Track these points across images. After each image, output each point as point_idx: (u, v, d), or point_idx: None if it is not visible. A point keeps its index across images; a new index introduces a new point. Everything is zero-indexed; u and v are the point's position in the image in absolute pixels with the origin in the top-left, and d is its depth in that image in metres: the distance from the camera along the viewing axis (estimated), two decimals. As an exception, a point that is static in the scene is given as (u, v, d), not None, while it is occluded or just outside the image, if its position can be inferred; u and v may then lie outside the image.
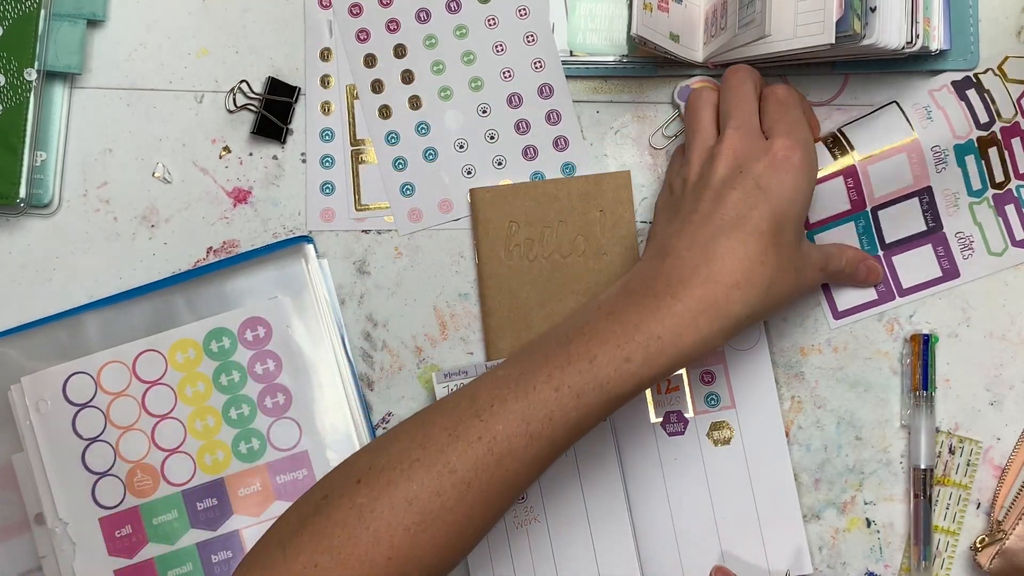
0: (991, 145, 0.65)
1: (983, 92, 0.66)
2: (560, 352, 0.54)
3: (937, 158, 0.65)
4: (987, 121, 0.65)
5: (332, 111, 0.69)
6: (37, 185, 0.68)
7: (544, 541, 0.67)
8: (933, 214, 0.66)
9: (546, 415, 0.53)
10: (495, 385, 0.54)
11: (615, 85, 0.69)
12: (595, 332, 0.54)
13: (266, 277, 0.68)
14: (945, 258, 0.66)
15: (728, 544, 0.67)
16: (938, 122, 0.65)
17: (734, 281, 0.54)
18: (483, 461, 0.52)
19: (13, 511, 0.67)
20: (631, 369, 0.53)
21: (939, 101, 0.66)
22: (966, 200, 0.66)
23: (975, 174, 0.66)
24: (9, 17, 0.66)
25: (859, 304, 0.67)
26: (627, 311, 0.55)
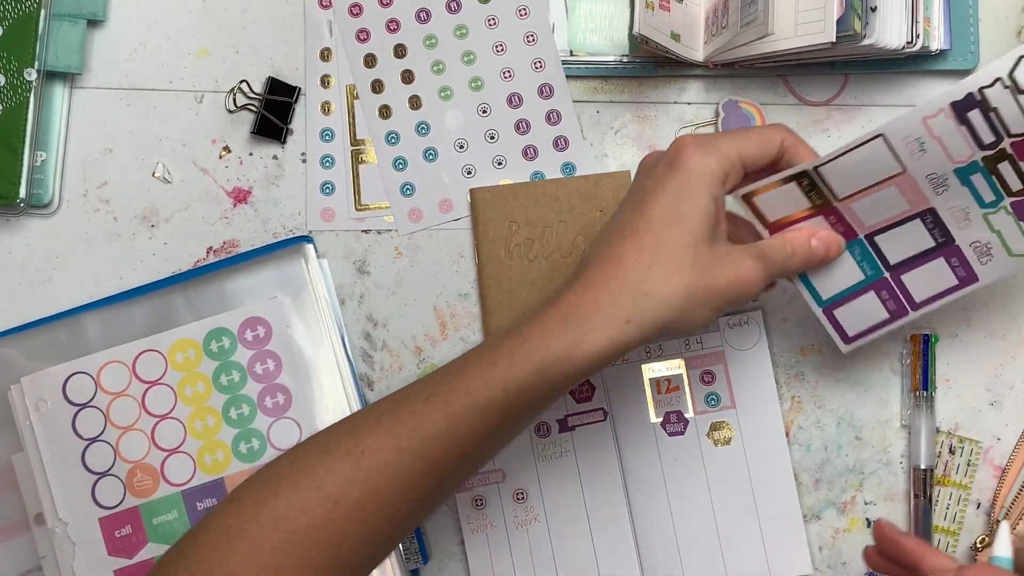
0: (1000, 161, 0.57)
1: (987, 112, 0.56)
2: (441, 370, 0.54)
3: (935, 183, 0.58)
4: (993, 140, 0.57)
5: (332, 111, 0.69)
6: (37, 185, 0.68)
7: (544, 541, 0.67)
8: (941, 230, 0.59)
9: (414, 426, 0.51)
10: (377, 404, 0.54)
11: (615, 85, 0.69)
12: (482, 347, 0.54)
13: (266, 277, 0.68)
14: (960, 267, 0.60)
15: (728, 544, 0.66)
16: (932, 152, 0.57)
17: (604, 284, 0.52)
18: (350, 476, 0.51)
19: (13, 511, 0.67)
20: (496, 373, 0.51)
21: (934, 130, 0.57)
22: (978, 212, 0.59)
23: (985, 188, 0.58)
24: (9, 17, 0.66)
25: (872, 325, 0.62)
26: (516, 324, 0.54)
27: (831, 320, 0.62)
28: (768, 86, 0.68)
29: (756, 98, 0.68)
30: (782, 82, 0.68)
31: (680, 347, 0.67)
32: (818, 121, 0.68)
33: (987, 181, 0.58)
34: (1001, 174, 0.58)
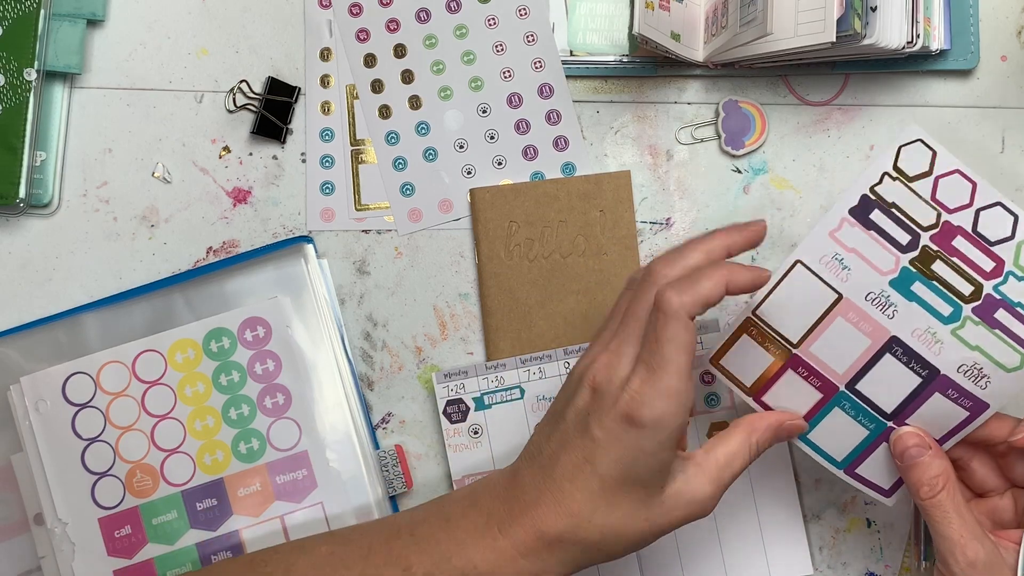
0: (932, 261, 0.54)
1: (888, 209, 0.54)
2: (383, 548, 0.54)
3: (880, 305, 0.54)
4: (910, 240, 0.54)
5: (332, 111, 0.69)
6: (37, 185, 0.68)
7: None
8: (918, 361, 0.54)
9: None
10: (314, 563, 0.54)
11: (615, 85, 0.69)
12: (422, 537, 0.54)
13: (266, 277, 0.68)
14: (962, 397, 0.54)
15: (728, 544, 0.66)
16: (856, 267, 0.54)
17: (557, 533, 0.51)
18: None
19: (12, 511, 0.67)
20: None
21: (846, 243, 0.54)
22: (945, 330, 0.54)
23: (936, 300, 0.54)
24: (9, 17, 0.66)
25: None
26: (460, 524, 0.53)
27: (860, 480, 0.57)
28: (768, 86, 0.68)
29: (756, 98, 0.68)
30: (782, 82, 0.68)
31: (680, 347, 0.67)
32: (818, 121, 0.68)
33: (933, 290, 0.54)
34: (942, 278, 0.54)
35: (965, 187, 0.54)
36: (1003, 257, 0.53)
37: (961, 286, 0.53)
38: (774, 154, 0.68)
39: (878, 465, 0.57)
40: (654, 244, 0.68)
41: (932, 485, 0.54)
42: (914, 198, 0.54)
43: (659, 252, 0.68)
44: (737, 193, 0.68)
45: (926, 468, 0.54)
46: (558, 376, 0.66)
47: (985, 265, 0.53)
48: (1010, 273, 0.53)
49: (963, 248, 0.53)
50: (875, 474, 0.57)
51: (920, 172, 0.54)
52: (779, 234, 0.68)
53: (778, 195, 0.68)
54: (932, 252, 0.53)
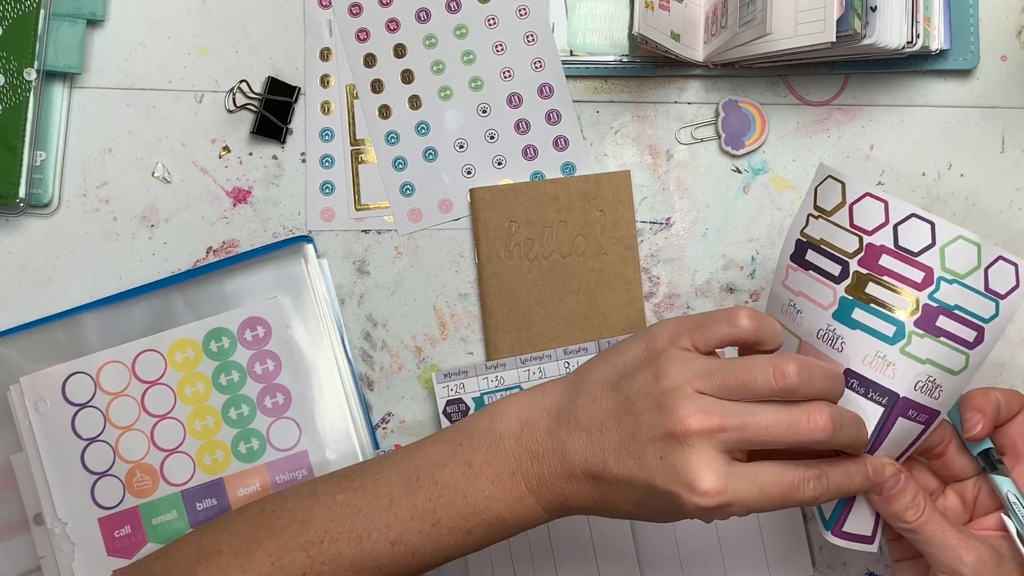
0: (865, 284, 0.54)
1: (817, 246, 0.55)
2: (406, 498, 0.52)
3: (829, 340, 0.54)
4: (840, 269, 0.54)
5: (332, 111, 0.69)
6: (37, 185, 0.68)
7: (544, 541, 0.66)
8: (876, 390, 0.53)
9: (376, 566, 0.52)
10: (331, 515, 0.52)
11: (615, 85, 0.69)
12: (447, 486, 0.52)
13: (266, 277, 0.68)
14: (920, 413, 0.54)
15: (728, 543, 0.66)
16: (805, 309, 0.55)
17: (583, 505, 0.52)
18: None
19: (12, 511, 0.67)
20: (470, 541, 0.52)
21: (794, 288, 0.56)
22: (893, 351, 0.53)
23: (878, 322, 0.53)
24: (9, 17, 0.66)
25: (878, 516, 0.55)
26: (483, 473, 0.52)
27: (848, 538, 0.56)
28: (768, 86, 0.68)
29: (756, 98, 0.68)
30: (782, 82, 0.68)
31: (680, 347, 0.67)
32: (818, 121, 0.68)
33: (873, 313, 0.53)
34: (878, 299, 0.53)
35: (878, 207, 0.54)
36: (930, 265, 0.53)
37: (898, 303, 0.53)
38: (774, 154, 0.68)
39: (860, 515, 0.55)
40: (654, 244, 0.68)
41: (917, 506, 0.53)
42: (836, 229, 0.55)
43: (659, 252, 0.68)
44: (737, 193, 0.68)
45: (906, 493, 0.53)
46: (558, 376, 0.66)
47: (915, 276, 0.53)
48: (940, 279, 0.53)
49: (890, 265, 0.53)
50: (859, 525, 0.55)
51: (835, 204, 0.55)
52: (779, 234, 0.68)
53: (778, 195, 0.68)
54: (863, 275, 0.54)
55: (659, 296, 0.68)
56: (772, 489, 0.48)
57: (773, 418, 0.48)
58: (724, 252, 0.68)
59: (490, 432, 0.53)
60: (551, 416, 0.53)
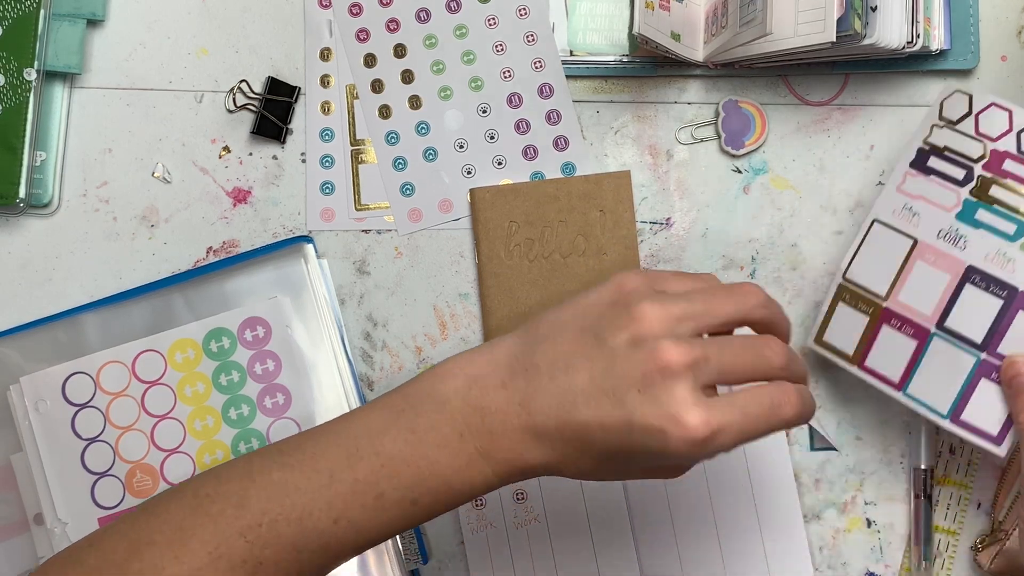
0: (989, 187, 0.59)
1: (941, 153, 0.60)
2: (346, 473, 0.49)
3: (951, 238, 0.59)
4: (965, 173, 0.60)
5: (332, 111, 0.69)
6: (37, 185, 0.68)
7: (544, 541, 0.66)
8: (997, 284, 0.59)
9: (320, 545, 0.48)
10: (269, 495, 0.49)
11: (615, 85, 0.69)
12: (389, 457, 0.49)
13: (266, 277, 0.68)
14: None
15: (728, 544, 0.66)
16: (924, 211, 0.60)
17: (542, 460, 0.49)
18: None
19: (12, 511, 0.67)
20: (416, 512, 0.49)
21: (910, 191, 0.61)
22: (1014, 247, 0.58)
23: (1000, 222, 0.59)
24: (9, 17, 0.66)
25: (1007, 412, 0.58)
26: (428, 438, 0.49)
27: (967, 428, 0.59)
28: (768, 86, 0.68)
29: (756, 98, 0.68)
30: (782, 82, 0.68)
31: (680, 347, 0.67)
32: (818, 121, 0.68)
33: (995, 213, 0.59)
34: (1001, 200, 0.59)
35: (1002, 116, 0.60)
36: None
37: (1017, 202, 0.59)
38: (774, 154, 0.68)
39: (982, 407, 0.59)
40: (654, 244, 0.68)
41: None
42: (961, 137, 0.60)
43: (659, 252, 0.68)
44: (737, 193, 0.68)
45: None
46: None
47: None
48: None
49: (1014, 169, 0.59)
50: (981, 418, 0.59)
51: (962, 115, 0.60)
52: (779, 234, 0.68)
53: (778, 195, 0.68)
54: (987, 179, 0.59)
55: (659, 296, 0.68)
56: (755, 410, 0.47)
57: (741, 349, 0.48)
58: (724, 252, 0.68)
59: (434, 394, 0.50)
60: (505, 367, 0.49)
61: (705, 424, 0.45)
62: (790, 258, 0.68)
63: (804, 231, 0.68)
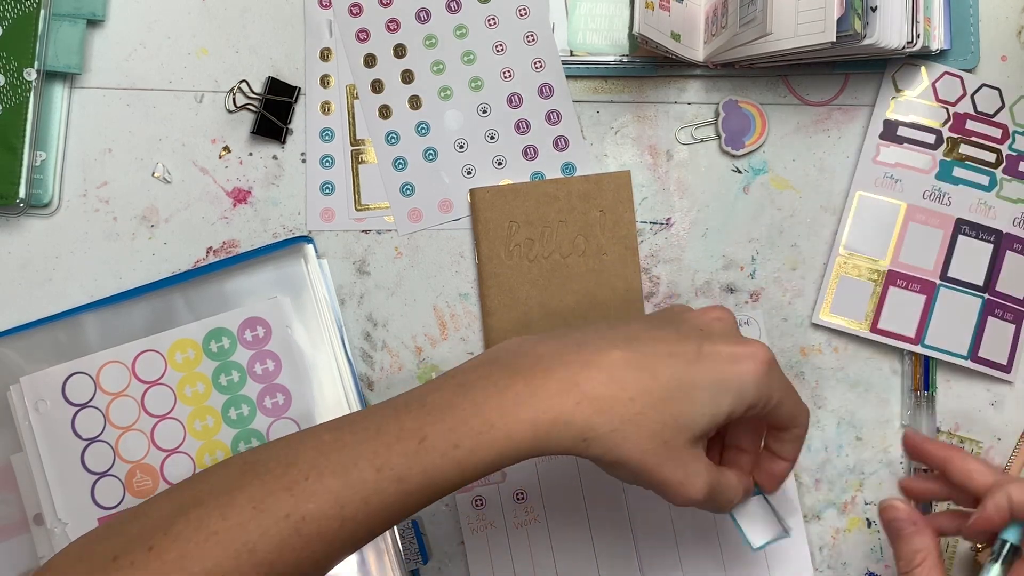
0: (957, 146, 0.66)
1: (910, 125, 0.67)
2: (392, 424, 0.49)
3: (936, 197, 0.66)
4: (935, 138, 0.66)
5: (332, 111, 0.69)
6: (37, 185, 0.68)
7: (544, 541, 0.66)
8: (984, 230, 0.66)
9: (363, 498, 0.48)
10: (317, 452, 0.49)
11: (615, 85, 0.69)
12: (436, 406, 0.49)
13: (266, 277, 0.68)
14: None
15: (728, 543, 0.66)
16: (905, 177, 0.67)
17: (594, 394, 0.49)
18: (288, 542, 0.47)
19: (12, 511, 0.67)
20: (458, 457, 0.48)
21: (887, 161, 0.67)
22: (992, 197, 0.66)
23: (974, 175, 0.67)
24: (9, 17, 0.66)
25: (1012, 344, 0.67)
26: (476, 385, 0.50)
27: (985, 363, 0.66)
28: (768, 86, 0.68)
29: (756, 98, 0.68)
30: (782, 82, 0.68)
31: (680, 347, 0.67)
32: (818, 121, 0.68)
33: (968, 168, 0.66)
34: (971, 156, 0.66)
35: (955, 82, 0.67)
36: (1004, 123, 0.67)
37: (987, 156, 0.66)
38: (774, 154, 0.68)
39: (993, 343, 0.66)
40: (654, 244, 0.68)
41: (910, 559, 0.54)
42: (924, 105, 0.67)
43: (659, 252, 0.68)
44: (737, 193, 0.68)
45: (908, 542, 0.54)
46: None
47: (995, 134, 0.66)
48: (1015, 132, 0.67)
49: (975, 128, 0.66)
50: (994, 352, 0.66)
51: (919, 85, 0.67)
52: (779, 234, 0.68)
53: (778, 195, 0.68)
54: (955, 140, 0.66)
55: (659, 296, 0.68)
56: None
57: None
58: (724, 252, 0.68)
59: (485, 355, 0.52)
60: (551, 334, 0.53)
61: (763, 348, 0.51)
62: (790, 258, 0.68)
63: (804, 231, 0.68)
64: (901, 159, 0.67)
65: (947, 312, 0.66)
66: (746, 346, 0.51)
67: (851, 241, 0.67)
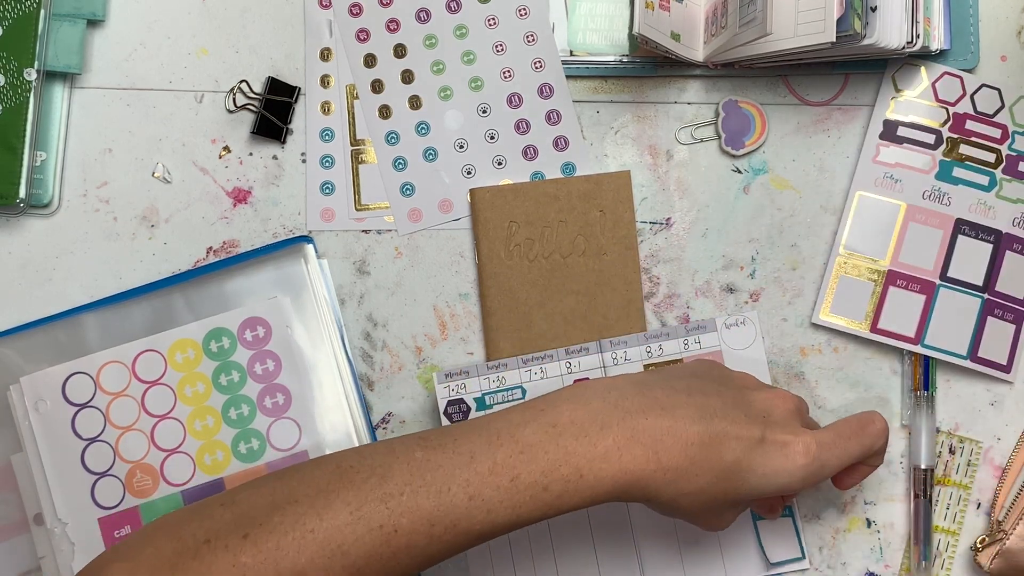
0: (957, 146, 0.66)
1: (908, 124, 0.67)
2: (486, 455, 0.52)
3: (935, 197, 0.66)
4: (935, 138, 0.66)
5: (332, 111, 0.69)
6: (37, 185, 0.68)
7: (544, 541, 0.66)
8: (984, 231, 0.66)
9: (452, 521, 0.51)
10: (411, 469, 0.52)
11: (615, 85, 0.69)
12: (528, 445, 0.52)
13: (266, 277, 0.68)
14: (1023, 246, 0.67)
15: (727, 543, 0.66)
16: (905, 177, 0.66)
17: (668, 466, 0.53)
18: (378, 551, 0.50)
19: (12, 511, 0.67)
20: (545, 499, 0.52)
21: (887, 161, 0.67)
22: (992, 197, 0.66)
23: (974, 175, 0.67)
24: (9, 17, 0.66)
25: (1012, 343, 0.67)
26: (568, 431, 0.53)
27: (985, 363, 0.66)
28: (768, 86, 0.68)
29: (756, 98, 0.68)
30: (782, 82, 0.68)
31: (679, 347, 0.67)
32: (818, 121, 0.68)
33: (968, 168, 0.66)
34: (970, 156, 0.66)
35: (955, 82, 0.67)
36: (1003, 123, 0.67)
37: (986, 156, 0.66)
38: (774, 154, 0.69)
39: (993, 342, 0.66)
40: (654, 244, 0.68)
41: None
42: (923, 105, 0.67)
43: (659, 252, 0.68)
44: (737, 193, 0.68)
45: None
46: (559, 376, 0.66)
47: (995, 134, 0.66)
48: (1015, 132, 0.66)
49: (975, 128, 0.66)
50: (994, 352, 0.66)
51: (918, 85, 0.67)
52: (779, 234, 0.68)
53: (778, 195, 0.68)
54: (955, 140, 0.66)
55: (659, 296, 0.68)
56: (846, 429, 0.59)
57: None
58: (724, 252, 0.68)
59: (574, 397, 0.55)
60: (639, 383, 0.56)
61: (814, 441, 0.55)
62: (790, 258, 0.68)
63: (804, 231, 0.68)
64: (901, 159, 0.67)
65: (947, 312, 0.66)
66: (798, 437, 0.55)
67: (851, 241, 0.67)
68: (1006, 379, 0.67)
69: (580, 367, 0.66)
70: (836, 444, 0.57)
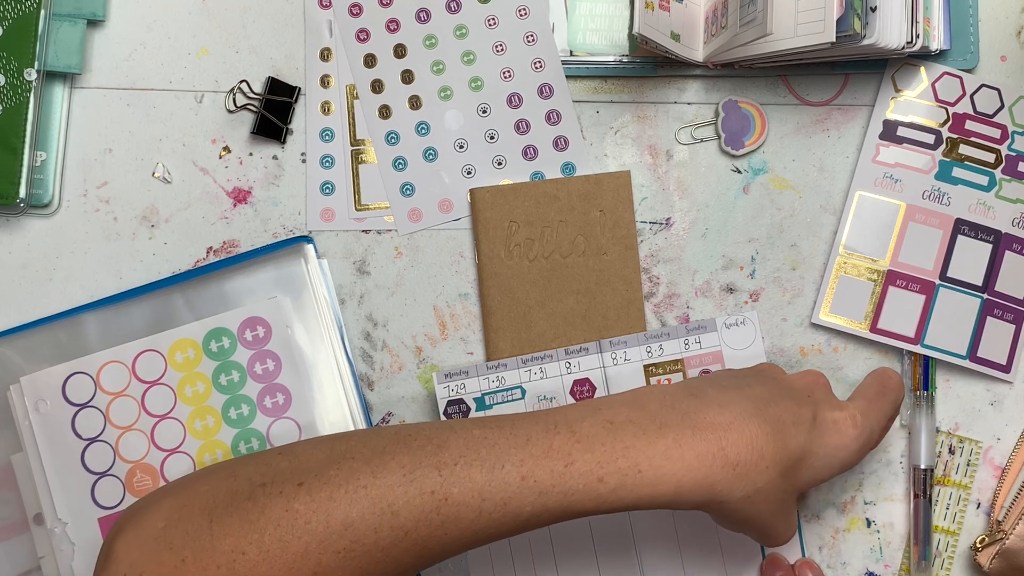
0: (957, 146, 0.66)
1: (907, 124, 0.67)
2: (542, 439, 0.52)
3: (935, 197, 0.66)
4: (935, 138, 0.66)
5: (332, 111, 0.69)
6: (37, 185, 0.68)
7: (544, 541, 0.66)
8: (983, 231, 0.66)
9: (503, 499, 0.51)
10: (467, 443, 0.52)
11: (615, 85, 0.69)
12: (585, 436, 0.52)
13: (266, 277, 0.68)
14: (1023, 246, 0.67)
15: (727, 542, 0.66)
16: (905, 177, 0.67)
17: (737, 460, 0.52)
18: (427, 517, 0.51)
19: (12, 511, 0.67)
20: (600, 491, 0.51)
21: (887, 161, 0.67)
22: (991, 197, 0.66)
23: (973, 176, 0.67)
24: (9, 17, 0.66)
25: (1012, 340, 0.67)
26: (625, 428, 0.53)
27: (984, 363, 0.67)
28: (768, 86, 0.68)
29: (756, 98, 0.68)
30: (782, 82, 0.69)
31: (680, 347, 0.67)
32: (818, 121, 0.68)
33: (968, 169, 0.66)
34: (970, 156, 0.66)
35: (955, 82, 0.67)
36: (1003, 123, 0.67)
37: (985, 156, 0.66)
38: (774, 154, 0.69)
39: (992, 342, 0.66)
40: (654, 244, 0.68)
41: None
42: (923, 105, 0.67)
43: (659, 252, 0.68)
44: (737, 193, 0.69)
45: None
46: (559, 376, 0.66)
47: (994, 134, 0.66)
48: (1014, 132, 0.67)
49: (974, 128, 0.66)
50: (994, 352, 0.66)
51: (918, 85, 0.67)
52: (779, 234, 0.68)
53: (778, 195, 0.68)
54: (955, 140, 0.66)
55: (659, 296, 0.68)
56: (871, 392, 0.62)
57: None
58: (724, 252, 0.68)
59: (630, 400, 0.55)
60: (687, 385, 0.56)
61: (857, 411, 0.57)
62: (790, 258, 0.68)
63: (804, 231, 0.68)
64: (901, 159, 0.67)
65: (946, 312, 0.66)
66: (844, 411, 0.57)
67: (851, 241, 0.67)
68: (1006, 379, 0.67)
69: (580, 367, 0.66)
70: (873, 408, 0.58)
